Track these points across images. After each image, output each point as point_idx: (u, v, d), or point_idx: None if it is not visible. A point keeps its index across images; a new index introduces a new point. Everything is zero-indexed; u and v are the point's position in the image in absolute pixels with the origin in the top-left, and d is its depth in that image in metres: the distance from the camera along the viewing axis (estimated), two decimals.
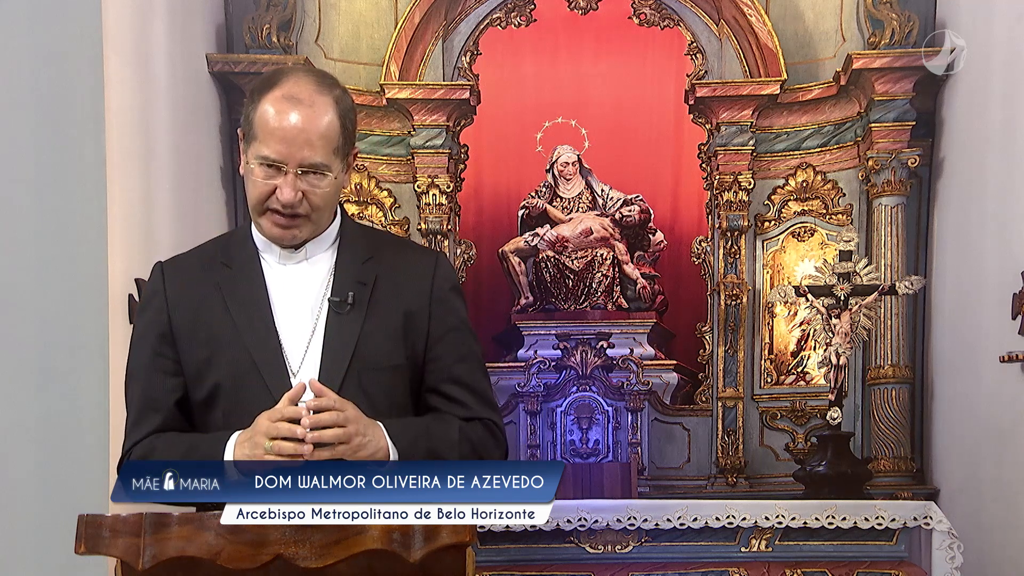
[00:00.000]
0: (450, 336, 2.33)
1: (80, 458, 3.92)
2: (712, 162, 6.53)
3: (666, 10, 6.65)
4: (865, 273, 5.49)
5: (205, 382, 2.27)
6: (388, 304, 2.29)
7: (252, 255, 2.32)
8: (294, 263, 2.31)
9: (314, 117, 2.20)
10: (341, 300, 2.27)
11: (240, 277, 2.31)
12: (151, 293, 2.35)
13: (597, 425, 6.17)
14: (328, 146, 2.22)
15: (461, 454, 2.28)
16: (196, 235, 5.43)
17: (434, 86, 6.49)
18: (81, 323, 4.00)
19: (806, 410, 6.30)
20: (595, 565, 4.86)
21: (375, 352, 2.26)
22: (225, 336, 2.26)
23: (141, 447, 2.29)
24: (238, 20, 6.23)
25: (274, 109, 2.20)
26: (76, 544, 1.93)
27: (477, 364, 2.37)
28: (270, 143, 2.20)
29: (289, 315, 2.28)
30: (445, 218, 6.51)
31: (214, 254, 2.37)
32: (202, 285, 2.31)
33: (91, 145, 4.07)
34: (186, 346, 2.29)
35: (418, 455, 2.20)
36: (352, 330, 2.26)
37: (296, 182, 2.21)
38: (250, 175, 2.24)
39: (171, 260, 2.40)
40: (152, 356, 2.32)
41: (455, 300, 2.37)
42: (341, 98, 2.27)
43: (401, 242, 2.66)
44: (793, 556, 4.86)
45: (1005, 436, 5.06)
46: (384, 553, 1.90)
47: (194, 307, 2.30)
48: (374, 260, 2.33)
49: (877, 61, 6.05)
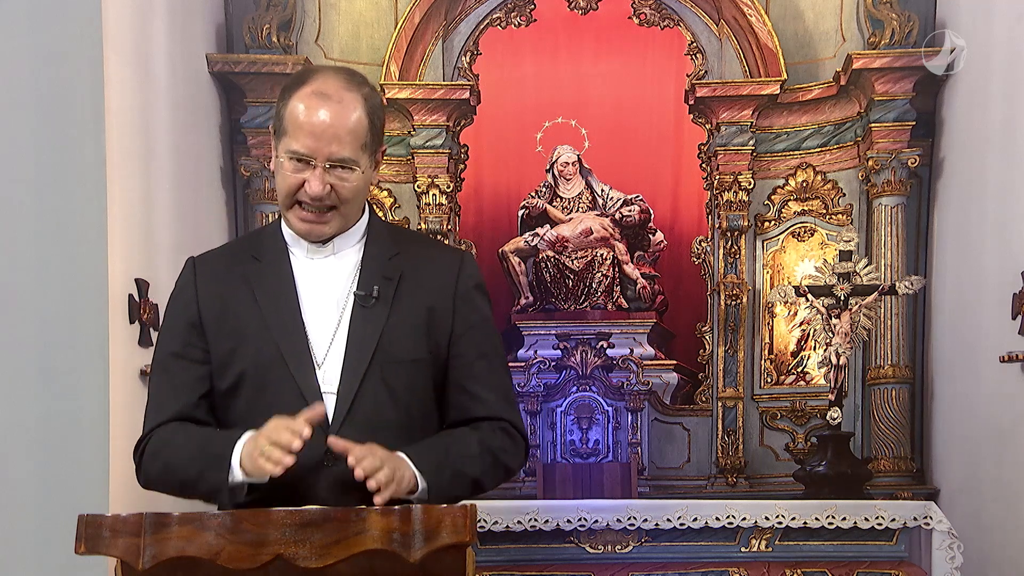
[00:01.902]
0: (473, 333, 2.37)
1: (80, 458, 3.92)
2: (712, 162, 6.53)
3: (666, 10, 6.65)
4: (865, 273, 5.48)
5: (231, 371, 2.31)
6: (412, 299, 2.33)
7: (281, 249, 2.37)
8: (322, 257, 2.36)
9: (342, 113, 2.26)
10: (366, 294, 2.31)
11: (269, 270, 2.36)
12: (182, 285, 2.41)
13: (597, 425, 6.17)
14: (356, 141, 2.27)
15: (483, 467, 2.32)
16: (196, 235, 5.45)
17: (434, 86, 6.49)
18: (81, 323, 4.00)
19: (806, 410, 6.30)
20: (595, 565, 4.85)
21: (398, 346, 2.30)
22: (252, 327, 2.30)
23: (159, 434, 2.31)
24: (238, 20, 6.23)
25: (304, 105, 2.25)
26: (76, 544, 1.93)
27: (499, 362, 2.42)
28: (300, 137, 2.25)
29: (315, 308, 2.32)
30: (445, 218, 6.51)
31: (244, 248, 2.44)
32: (231, 278, 2.37)
33: (91, 145, 4.08)
34: (214, 336, 2.33)
35: (444, 478, 2.24)
36: (376, 324, 2.29)
37: (324, 176, 2.26)
38: (280, 169, 2.30)
39: (202, 255, 2.47)
40: (181, 345, 2.35)
41: (479, 298, 2.41)
42: (370, 95, 2.32)
43: (427, 240, 2.73)
44: (793, 556, 4.85)
45: (1005, 436, 5.05)
46: (384, 553, 1.90)
47: (223, 299, 2.35)
48: (400, 256, 2.37)
49: (877, 61, 6.05)
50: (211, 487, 2.20)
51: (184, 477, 2.25)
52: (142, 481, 2.36)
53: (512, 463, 2.38)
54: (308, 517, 1.92)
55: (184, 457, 2.25)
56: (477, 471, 2.30)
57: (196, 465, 2.23)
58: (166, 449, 2.28)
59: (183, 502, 2.39)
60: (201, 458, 2.23)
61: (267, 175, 6.08)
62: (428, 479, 2.21)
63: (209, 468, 2.20)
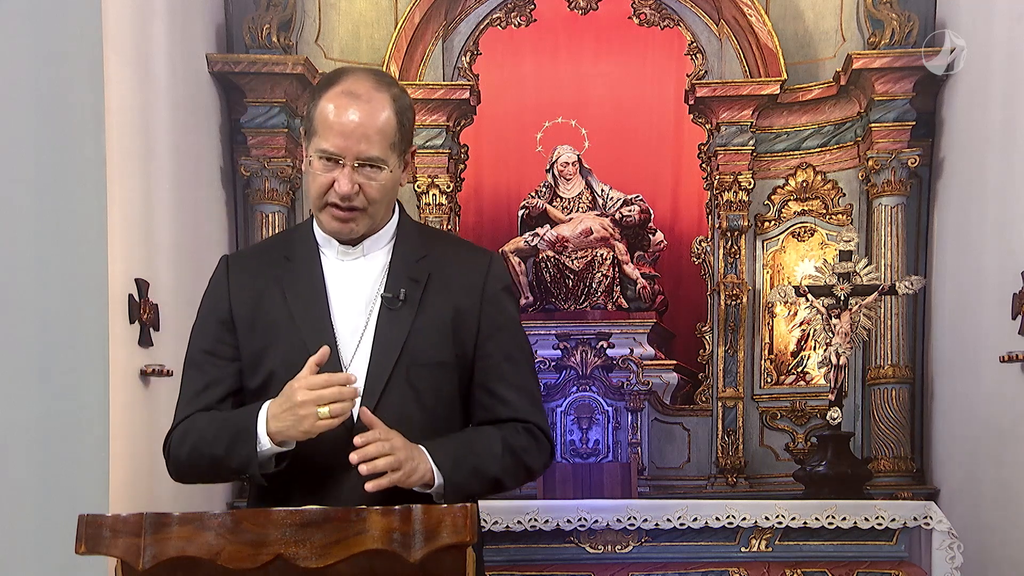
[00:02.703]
0: (500, 335, 2.39)
1: (80, 458, 3.92)
2: (712, 162, 6.53)
3: (666, 10, 6.65)
4: (865, 273, 5.48)
5: (260, 370, 2.34)
6: (439, 301, 2.36)
7: (312, 250, 2.40)
8: (352, 259, 2.39)
9: (371, 112, 2.28)
10: (393, 296, 2.34)
11: (300, 271, 2.38)
12: (215, 283, 2.43)
13: (597, 425, 6.17)
14: (385, 141, 2.30)
15: (504, 466, 2.34)
16: (196, 235, 5.45)
17: (434, 86, 6.49)
18: (81, 323, 4.00)
19: (806, 410, 6.30)
20: (595, 565, 4.86)
21: (424, 348, 2.32)
22: (282, 326, 2.33)
23: (185, 424, 2.35)
24: (238, 20, 6.23)
25: (333, 105, 2.28)
26: (76, 544, 1.93)
27: (526, 364, 2.43)
28: (329, 137, 2.27)
29: (344, 309, 2.35)
30: (445, 218, 6.51)
31: (277, 248, 2.47)
32: (263, 277, 2.39)
33: (91, 145, 4.07)
34: (245, 334, 2.36)
35: (462, 473, 2.26)
36: (402, 326, 2.32)
37: (353, 175, 2.28)
38: (310, 169, 2.32)
39: (236, 253, 2.53)
40: (212, 342, 2.38)
41: (507, 300, 2.43)
42: (399, 96, 2.35)
43: (456, 241, 2.73)
44: (793, 556, 4.86)
45: (1005, 436, 5.05)
46: (384, 553, 1.90)
47: (255, 298, 2.37)
48: (428, 258, 2.40)
49: (877, 61, 6.05)
50: (241, 460, 2.23)
51: (212, 455, 2.28)
52: (173, 471, 2.39)
53: (535, 464, 2.39)
54: (308, 517, 1.92)
55: (210, 436, 2.28)
56: (497, 470, 2.32)
57: (223, 441, 2.26)
58: (192, 433, 2.32)
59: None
60: (227, 434, 2.26)
61: (267, 175, 6.09)
62: (445, 473, 2.23)
63: (236, 441, 2.23)
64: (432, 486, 2.23)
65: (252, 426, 2.21)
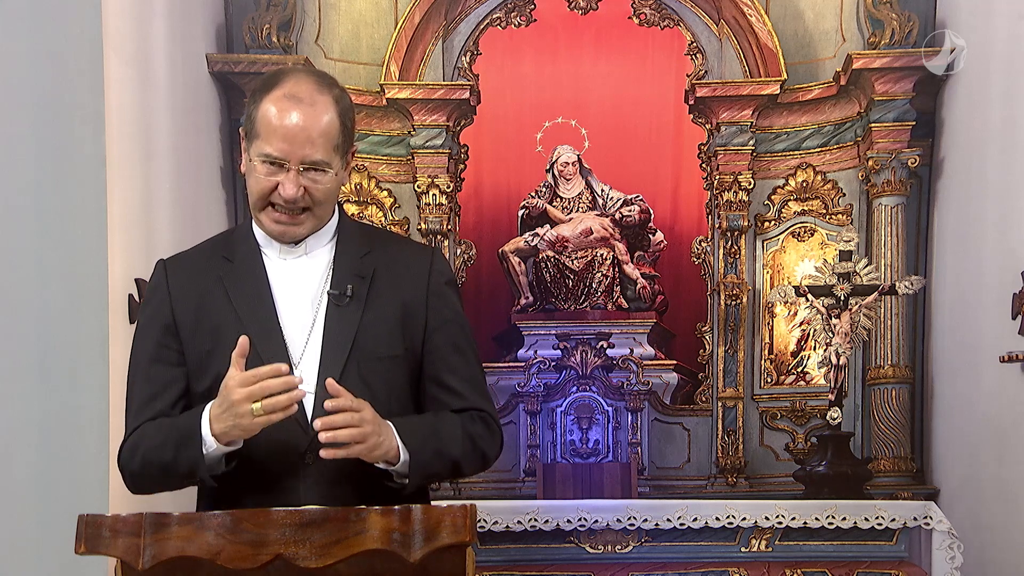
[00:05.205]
0: (447, 327, 2.40)
1: (80, 458, 3.92)
2: (712, 162, 6.53)
3: (666, 10, 6.65)
4: (865, 273, 5.48)
5: (208, 372, 2.31)
6: (386, 296, 2.35)
7: (253, 250, 2.38)
8: (294, 257, 2.37)
9: (315, 116, 2.27)
10: (340, 293, 2.33)
11: (242, 271, 2.36)
12: (154, 287, 2.40)
13: (597, 425, 6.17)
14: (328, 144, 2.28)
15: (463, 450, 2.35)
16: (196, 235, 5.41)
17: (434, 86, 6.49)
18: (81, 323, 4.00)
19: (806, 410, 6.30)
20: (595, 565, 4.86)
21: (374, 343, 2.32)
22: (228, 328, 2.30)
23: (135, 435, 2.33)
24: (238, 20, 6.23)
25: (276, 108, 2.26)
26: (76, 544, 1.92)
27: (472, 355, 2.44)
28: (272, 141, 2.25)
29: (290, 307, 2.34)
30: (445, 218, 6.51)
31: (216, 249, 2.43)
32: (204, 278, 2.37)
33: (91, 145, 4.07)
34: (189, 338, 2.34)
35: (426, 454, 2.27)
36: (351, 322, 2.31)
37: (298, 178, 2.27)
38: (252, 172, 2.30)
39: (173, 256, 2.46)
40: (155, 348, 2.36)
41: (451, 293, 2.44)
42: (340, 97, 2.33)
43: (398, 238, 2.79)
44: (793, 556, 4.86)
45: (1005, 436, 5.05)
46: (384, 553, 1.90)
47: (197, 300, 2.35)
48: (372, 254, 2.39)
49: (877, 61, 6.05)
50: (189, 464, 2.20)
51: (161, 461, 2.25)
52: (128, 483, 2.36)
53: (489, 451, 2.40)
54: (308, 517, 1.92)
55: (158, 443, 2.26)
56: (459, 453, 2.33)
57: (170, 447, 2.23)
58: (141, 443, 2.29)
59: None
60: (173, 439, 2.23)
61: None
62: (411, 451, 2.23)
63: (182, 445, 2.21)
64: (395, 464, 2.22)
65: (196, 429, 2.19)
